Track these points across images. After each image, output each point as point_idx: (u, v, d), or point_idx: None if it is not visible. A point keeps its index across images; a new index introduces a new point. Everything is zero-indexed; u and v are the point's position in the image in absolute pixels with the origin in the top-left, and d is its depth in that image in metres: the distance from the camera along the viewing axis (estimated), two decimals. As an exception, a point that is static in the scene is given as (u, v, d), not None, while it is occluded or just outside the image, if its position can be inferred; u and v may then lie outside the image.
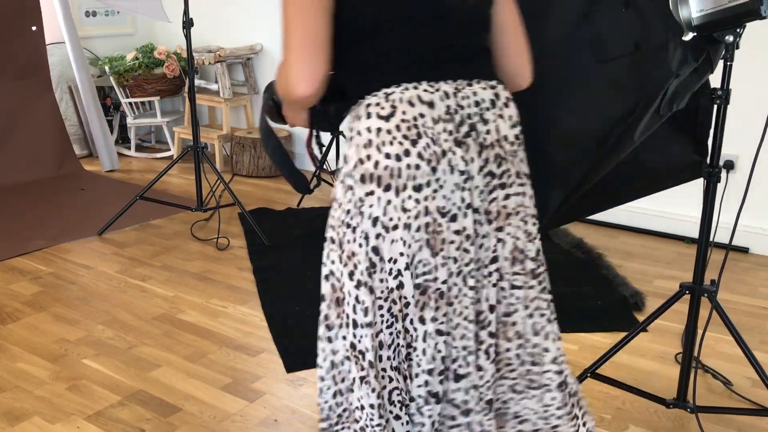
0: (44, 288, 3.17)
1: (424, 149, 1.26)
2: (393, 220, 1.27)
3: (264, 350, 2.65)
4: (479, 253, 1.35)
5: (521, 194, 1.38)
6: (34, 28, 4.73)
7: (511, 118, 1.36)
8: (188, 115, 5.28)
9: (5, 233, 3.81)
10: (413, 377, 1.38)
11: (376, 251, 1.29)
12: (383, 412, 1.38)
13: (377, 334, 1.34)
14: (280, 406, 2.31)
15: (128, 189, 4.54)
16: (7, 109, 4.68)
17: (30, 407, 2.29)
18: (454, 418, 1.44)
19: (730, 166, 3.45)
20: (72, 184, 4.70)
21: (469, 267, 1.33)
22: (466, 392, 1.41)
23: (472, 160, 1.30)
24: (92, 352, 2.64)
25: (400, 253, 1.28)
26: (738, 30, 1.72)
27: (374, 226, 1.28)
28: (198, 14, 4.56)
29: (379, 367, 1.36)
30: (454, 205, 1.29)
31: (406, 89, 1.27)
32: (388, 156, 1.25)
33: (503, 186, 1.35)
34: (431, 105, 1.27)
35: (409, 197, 1.26)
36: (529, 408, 1.50)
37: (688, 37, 1.72)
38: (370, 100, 1.29)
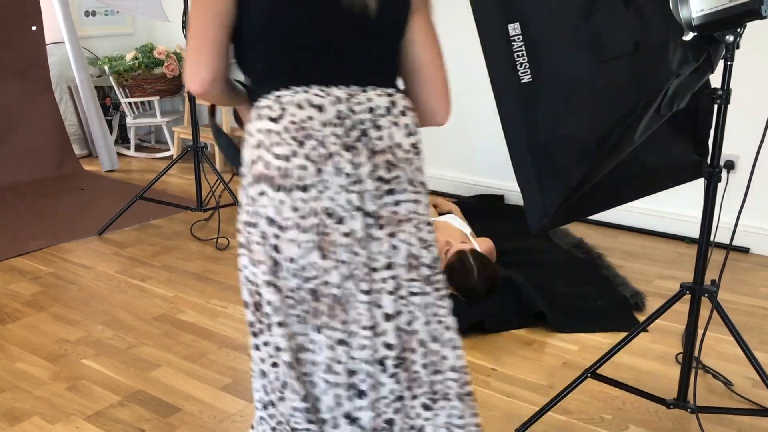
0: (44, 288, 3.17)
1: (311, 150, 1.28)
2: (287, 219, 1.29)
3: (264, 350, 2.65)
4: (373, 257, 1.34)
5: (414, 201, 1.38)
6: (34, 28, 4.73)
7: (407, 126, 1.37)
8: (188, 114, 5.28)
9: (5, 233, 3.81)
10: (318, 398, 1.36)
11: (276, 249, 1.31)
12: (312, 417, 1.36)
13: (293, 336, 1.34)
14: (279, 406, 2.31)
15: (128, 189, 4.54)
16: (7, 109, 4.68)
17: (30, 407, 2.29)
18: None
19: (730, 166, 3.45)
20: (72, 184, 4.70)
21: (360, 271, 1.33)
22: (371, 409, 1.38)
23: (360, 164, 1.31)
24: (92, 352, 2.63)
25: (296, 255, 1.30)
26: (738, 30, 1.71)
27: (270, 226, 1.30)
28: (198, 14, 4.55)
29: (300, 370, 1.35)
30: (340, 207, 1.30)
31: (296, 92, 1.30)
32: (277, 156, 1.28)
33: (392, 192, 1.35)
34: (321, 109, 1.29)
35: (298, 198, 1.28)
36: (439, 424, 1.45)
37: (689, 37, 1.71)
38: (262, 103, 1.32)
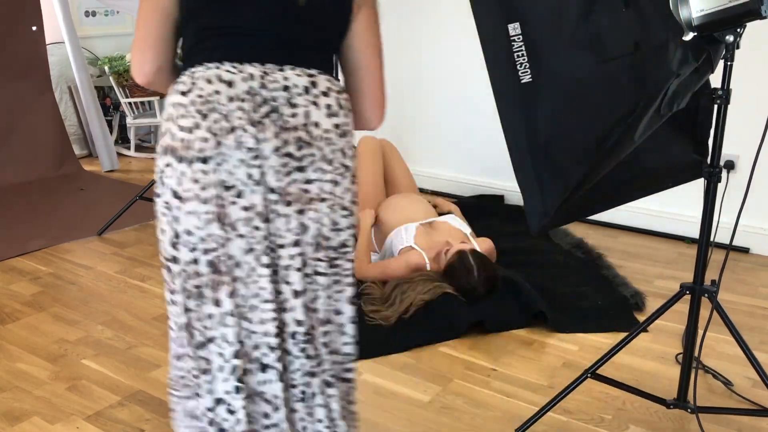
0: (44, 288, 3.17)
1: (213, 123, 1.31)
2: (187, 191, 1.32)
3: (264, 350, 2.65)
4: (278, 233, 1.36)
5: (331, 182, 1.39)
6: (34, 28, 4.73)
7: (329, 107, 1.39)
8: (188, 115, 5.27)
9: (5, 233, 3.81)
10: (216, 371, 1.39)
11: (177, 221, 1.34)
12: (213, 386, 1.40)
13: (186, 310, 1.38)
14: (279, 406, 2.30)
15: (128, 189, 4.54)
16: (7, 109, 4.68)
17: (29, 407, 2.29)
18: (268, 416, 1.42)
19: (730, 166, 3.45)
20: (72, 184, 4.70)
21: (261, 245, 1.35)
22: (274, 383, 1.40)
23: (266, 140, 1.32)
24: (92, 352, 2.63)
25: (195, 226, 1.33)
26: (738, 30, 1.71)
27: (173, 197, 1.33)
28: (198, 14, 4.55)
29: (192, 343, 1.39)
30: (239, 180, 1.32)
31: (208, 68, 1.34)
32: (181, 128, 1.32)
33: (302, 169, 1.36)
34: (230, 84, 1.32)
35: (199, 169, 1.31)
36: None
37: (689, 37, 1.71)
38: (180, 79, 1.37)
